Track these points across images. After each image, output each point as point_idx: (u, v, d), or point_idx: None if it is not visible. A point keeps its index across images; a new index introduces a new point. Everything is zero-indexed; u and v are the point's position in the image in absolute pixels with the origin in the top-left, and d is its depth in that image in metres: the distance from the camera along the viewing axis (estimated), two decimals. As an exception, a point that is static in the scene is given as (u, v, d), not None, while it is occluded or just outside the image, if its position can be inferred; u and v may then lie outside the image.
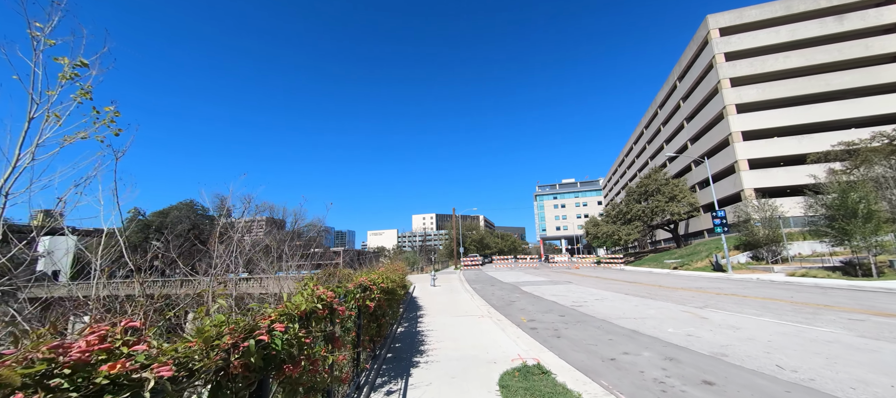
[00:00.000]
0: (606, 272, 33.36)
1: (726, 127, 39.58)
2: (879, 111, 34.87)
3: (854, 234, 20.15)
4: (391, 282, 6.48)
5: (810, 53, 38.10)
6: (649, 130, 67.21)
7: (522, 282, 23.61)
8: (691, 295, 14.28)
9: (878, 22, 36.80)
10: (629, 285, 19.33)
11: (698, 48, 45.00)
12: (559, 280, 23.96)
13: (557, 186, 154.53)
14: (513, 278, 27.31)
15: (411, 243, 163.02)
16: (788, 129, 37.86)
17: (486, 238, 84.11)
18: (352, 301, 4.16)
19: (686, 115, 49.85)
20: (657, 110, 61.84)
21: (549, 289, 18.53)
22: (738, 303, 11.81)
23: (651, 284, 19.52)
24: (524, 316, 10.95)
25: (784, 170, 36.86)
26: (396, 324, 9.09)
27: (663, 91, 59.24)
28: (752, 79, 39.77)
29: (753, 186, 37.09)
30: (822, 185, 23.65)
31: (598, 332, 8.32)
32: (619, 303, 12.71)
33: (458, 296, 16.43)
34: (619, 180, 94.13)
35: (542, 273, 33.07)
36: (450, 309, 12.29)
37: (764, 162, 38.08)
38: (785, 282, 18.80)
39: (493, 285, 22.02)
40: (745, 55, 40.38)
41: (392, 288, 6.51)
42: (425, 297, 16.01)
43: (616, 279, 24.09)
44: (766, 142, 37.90)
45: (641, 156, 72.79)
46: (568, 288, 18.68)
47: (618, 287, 18.54)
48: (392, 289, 6.41)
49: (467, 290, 18.75)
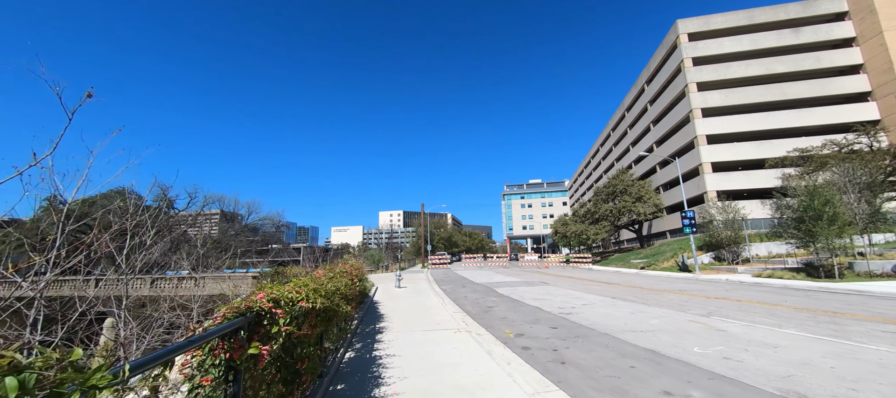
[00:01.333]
0: (577, 272, 32.59)
1: (692, 130, 40.38)
2: (830, 121, 36.86)
3: (819, 236, 20.31)
4: (330, 296, 4.15)
5: (769, 63, 39.69)
6: (616, 133, 68.56)
7: (496, 282, 21.85)
8: (682, 299, 13.05)
9: (830, 37, 38.97)
10: (608, 286, 18.09)
11: (667, 52, 45.79)
12: (533, 280, 22.44)
13: (525, 186, 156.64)
14: (484, 278, 25.53)
15: (377, 240, 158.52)
16: (748, 134, 39.22)
17: (454, 236, 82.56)
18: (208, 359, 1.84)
19: (653, 118, 50.82)
20: (624, 113, 63.03)
21: (527, 291, 16.83)
22: (741, 309, 10.58)
23: (629, 286, 18.41)
24: (509, 328, 8.96)
25: (743, 173, 38.09)
26: (344, 348, 6.69)
27: (631, 94, 60.40)
28: (716, 84, 40.86)
29: (716, 189, 38.03)
30: (790, 188, 24.00)
31: (610, 354, 6.47)
32: (611, 310, 11.10)
33: (427, 300, 14.23)
34: (585, 181, 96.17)
35: (514, 272, 31.66)
36: (418, 319, 10.06)
37: (725, 165, 39.20)
38: (755, 283, 18.43)
39: (465, 286, 20.05)
40: (710, 61, 41.43)
41: (331, 306, 4.18)
42: (388, 302, 13.65)
43: (591, 279, 22.97)
44: (729, 146, 39.04)
45: (607, 157, 74.30)
46: (546, 290, 17.08)
47: (597, 289, 17.20)
48: (330, 308, 4.09)
49: (437, 293, 16.60)
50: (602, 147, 79.28)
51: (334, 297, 4.24)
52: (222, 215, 66.70)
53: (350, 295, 6.24)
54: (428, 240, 53.80)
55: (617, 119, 67.95)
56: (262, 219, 67.61)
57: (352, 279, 7.10)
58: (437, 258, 43.69)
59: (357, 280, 8.13)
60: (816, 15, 40.06)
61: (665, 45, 46.42)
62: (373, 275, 31.72)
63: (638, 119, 56.99)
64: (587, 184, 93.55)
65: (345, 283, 5.64)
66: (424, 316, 10.49)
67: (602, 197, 50.68)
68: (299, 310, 2.88)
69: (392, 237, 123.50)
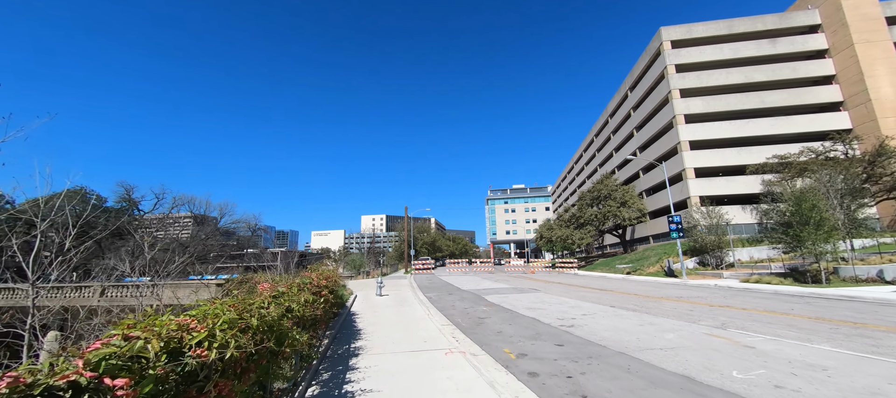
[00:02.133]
0: (564, 277, 31.86)
1: (676, 136, 40.70)
2: (807, 129, 37.81)
3: (806, 241, 20.22)
4: (272, 325, 2.72)
5: (749, 71, 40.56)
6: (599, 138, 69.17)
7: (484, 289, 20.65)
8: (685, 307, 12.19)
9: (805, 48, 40.20)
10: (601, 293, 17.19)
11: (651, 59, 46.27)
12: (523, 287, 21.37)
13: (509, 191, 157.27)
14: (471, 284, 24.30)
15: (359, 245, 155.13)
16: (730, 140, 39.81)
17: (438, 241, 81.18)
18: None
19: (636, 124, 51.24)
20: (608, 119, 63.61)
21: (519, 299, 15.70)
22: (753, 319, 9.74)
23: (622, 292, 17.59)
24: (508, 346, 7.72)
25: (725, 179, 38.56)
26: (307, 381, 5.25)
27: (614, 100, 61.00)
28: (699, 91, 41.42)
29: (699, 194, 38.29)
30: (777, 193, 24.00)
31: (638, 382, 5.32)
32: (616, 321, 10.06)
33: (412, 310, 12.85)
34: (568, 187, 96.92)
35: (501, 278, 30.59)
36: (402, 335, 8.70)
37: (708, 171, 39.62)
38: (746, 289, 18.09)
39: (452, 294, 18.75)
40: (693, 68, 42.01)
41: (274, 338, 2.75)
42: (368, 314, 12.19)
43: (582, 286, 22.11)
44: (711, 152, 39.49)
45: (591, 163, 74.90)
46: (539, 298, 16.00)
47: (592, 296, 16.25)
48: (269, 347, 2.66)
49: (422, 301, 15.23)
50: (585, 152, 79.96)
51: (279, 326, 2.88)
52: (194, 218, 62.94)
53: (313, 315, 4.82)
54: (411, 245, 52.21)
55: (600, 125, 68.58)
56: (235, 222, 64.24)
57: (318, 292, 5.64)
58: (421, 263, 42.20)
59: (327, 292, 6.71)
60: (792, 26, 41.32)
61: (649, 51, 46.94)
62: (352, 282, 29.97)
63: (621, 125, 57.48)
64: (570, 189, 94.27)
65: (303, 300, 4.20)
66: (409, 331, 9.14)
67: (587, 201, 50.60)
68: (183, 366, 1.56)
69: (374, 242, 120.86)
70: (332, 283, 8.40)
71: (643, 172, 50.53)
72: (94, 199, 48.89)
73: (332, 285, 8.14)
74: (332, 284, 8.14)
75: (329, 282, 7.82)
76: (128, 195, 53.80)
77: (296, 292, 3.90)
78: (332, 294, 7.94)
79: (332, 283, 8.40)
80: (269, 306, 2.82)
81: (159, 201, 56.86)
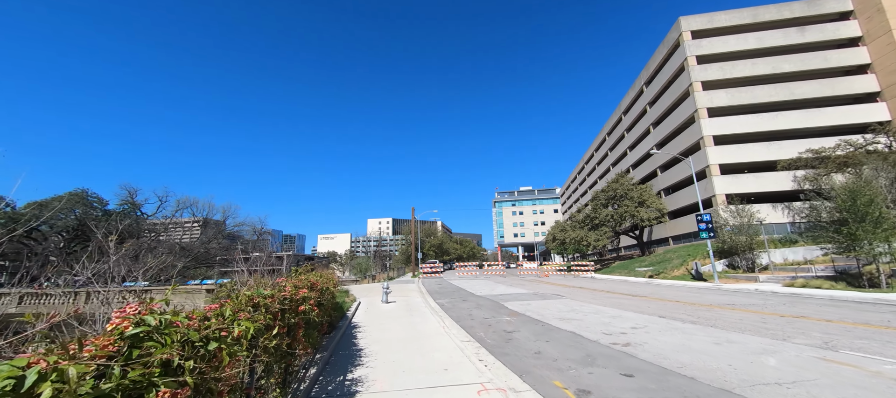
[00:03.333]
0: (582, 281, 29.71)
1: (698, 131, 38.38)
2: (841, 122, 35.28)
3: (862, 240, 17.96)
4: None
5: (776, 62, 38.15)
6: (612, 137, 66.84)
7: (501, 294, 18.67)
8: (754, 319, 10.11)
9: (836, 36, 37.71)
10: (637, 300, 15.14)
11: (669, 50, 44.06)
12: (544, 292, 19.34)
13: (516, 193, 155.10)
14: (486, 289, 22.30)
15: (366, 248, 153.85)
16: (757, 134, 37.40)
17: (445, 243, 79.21)
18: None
19: (653, 120, 48.95)
20: (621, 116, 61.30)
21: (544, 306, 13.72)
22: (849, 333, 7.67)
23: (659, 298, 15.51)
24: (558, 376, 5.79)
25: (753, 176, 36.11)
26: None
27: (628, 97, 58.74)
28: (722, 83, 39.09)
29: (724, 192, 35.89)
30: (826, 189, 21.71)
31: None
32: (682, 339, 8.04)
33: (424, 321, 10.95)
34: (579, 188, 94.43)
35: (516, 282, 28.54)
36: (414, 357, 6.82)
37: (734, 167, 37.20)
38: (794, 295, 15.92)
39: (466, 300, 16.82)
40: (715, 59, 39.71)
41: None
42: (372, 327, 10.32)
43: (608, 290, 20.03)
44: (737, 147, 37.09)
45: (603, 162, 72.52)
46: (568, 305, 14.00)
47: (629, 303, 14.20)
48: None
49: (434, 310, 13.34)
50: (596, 152, 77.58)
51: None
52: (201, 222, 61.70)
53: (275, 347, 2.86)
54: (418, 248, 50.38)
55: (613, 123, 66.27)
56: (239, 225, 63.02)
57: (291, 309, 3.68)
58: (429, 266, 40.30)
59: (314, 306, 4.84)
60: (821, 14, 38.85)
61: (667, 43, 44.73)
62: (357, 287, 28.11)
63: (636, 121, 55.18)
64: (580, 190, 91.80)
65: (243, 334, 2.13)
66: (424, 351, 7.25)
67: (601, 201, 48.35)
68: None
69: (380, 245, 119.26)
70: (323, 295, 6.48)
71: (661, 170, 48.15)
72: (95, 201, 47.92)
73: (322, 296, 6.24)
74: (322, 295, 6.23)
75: (320, 294, 5.89)
76: (131, 198, 52.75)
77: (229, 320, 2.01)
78: (323, 306, 6.09)
79: (323, 295, 6.48)
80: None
81: (162, 204, 55.76)
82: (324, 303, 6.14)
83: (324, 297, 6.18)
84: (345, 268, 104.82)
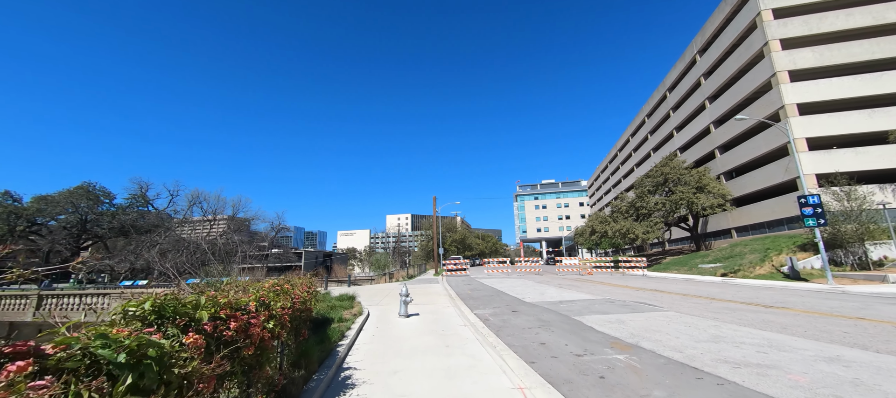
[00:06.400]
0: (643, 281, 24.26)
1: (776, 99, 31.79)
2: (974, 78, 28.00)
3: None
4: None
5: (878, 10, 30.96)
6: (653, 119, 59.93)
7: (561, 302, 13.68)
8: None
9: (961, -28, 30.18)
10: (761, 312, 9.85)
11: (733, 8, 37.28)
12: (621, 299, 14.17)
13: (539, 186, 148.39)
14: (534, 294, 17.27)
15: (384, 244, 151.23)
16: (855, 101, 30.50)
17: (467, 238, 74.37)
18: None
19: (709, 94, 42.25)
20: (666, 93, 54.42)
21: (650, 326, 8.69)
22: None
23: (802, 310, 10.14)
24: None
25: (852, 151, 29.34)
26: None
27: (674, 72, 51.84)
28: (806, 40, 32.24)
29: (815, 171, 29.30)
30: None
31: None
32: None
33: (471, 360, 6.16)
34: (610, 177, 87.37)
35: (565, 283, 23.39)
36: None
37: (824, 142, 30.49)
38: None
39: (517, 312, 11.95)
40: (797, 12, 32.82)
41: None
42: (377, 372, 5.64)
43: (706, 296, 14.63)
44: (828, 117, 30.34)
45: (641, 148, 65.62)
46: (666, 318, 8.98)
47: (776, 320, 8.94)
48: None
49: (478, 330, 8.56)
50: (633, 137, 70.58)
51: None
52: (230, 220, 59.07)
53: None
54: (440, 243, 45.82)
55: (654, 103, 59.33)
56: (251, 219, 60.24)
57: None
58: (452, 263, 35.58)
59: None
60: (935, -51, 31.27)
61: (729, 1, 37.95)
62: (370, 289, 23.57)
63: (685, 98, 48.40)
64: (613, 180, 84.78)
65: None
66: None
67: (647, 188, 42.22)
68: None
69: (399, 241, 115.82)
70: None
71: (720, 151, 41.51)
72: (102, 195, 45.80)
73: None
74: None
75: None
76: (141, 192, 50.47)
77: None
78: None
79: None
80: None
81: (173, 198, 53.30)
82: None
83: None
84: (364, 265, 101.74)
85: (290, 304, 3.88)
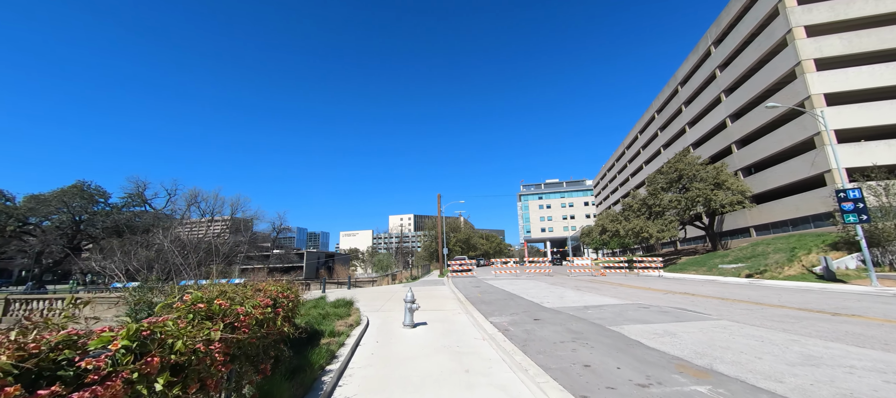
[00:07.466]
0: (663, 283, 22.59)
1: (801, 89, 29.97)
2: None
3: None
4: None
5: (911, -7, 29.12)
6: (663, 115, 58.05)
7: (587, 308, 12.04)
8: None
9: None
10: (815, 318, 8.19)
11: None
12: (660, 305, 12.52)
13: (542, 186, 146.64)
14: (553, 298, 15.62)
15: (387, 244, 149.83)
16: (886, 90, 28.64)
17: (472, 238, 72.74)
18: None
19: (726, 87, 40.43)
20: (677, 88, 52.56)
21: (704, 338, 7.08)
22: None
23: (849, 314, 8.46)
24: None
25: (885, 143, 27.51)
26: None
27: (686, 65, 50.03)
28: (833, 26, 30.42)
29: (845, 165, 27.47)
30: None
31: None
32: None
33: (499, 387, 4.59)
34: (618, 176, 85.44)
35: (582, 284, 21.73)
36: None
37: (854, 134, 28.66)
38: None
39: (540, 320, 10.34)
40: (822, -3, 31.03)
41: None
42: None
43: (749, 300, 12.95)
44: (859, 107, 28.51)
45: (650, 145, 63.76)
46: (723, 328, 7.33)
47: (816, 327, 7.30)
48: None
49: (500, 345, 6.97)
50: (641, 134, 68.68)
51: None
52: (232, 221, 57.78)
53: None
54: (444, 243, 44.24)
55: (664, 98, 57.46)
56: (252, 219, 58.94)
57: None
58: (458, 263, 33.98)
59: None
60: (971, -71, 29.37)
61: (748, -14, 36.16)
62: (371, 291, 21.99)
63: (699, 91, 46.58)
64: (620, 179, 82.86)
65: None
66: None
67: (660, 185, 40.46)
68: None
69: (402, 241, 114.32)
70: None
71: (737, 147, 39.70)
72: (97, 194, 44.52)
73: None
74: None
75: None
76: (138, 191, 49.17)
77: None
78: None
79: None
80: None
81: (171, 198, 51.95)
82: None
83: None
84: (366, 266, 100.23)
85: (231, 332, 2.30)
